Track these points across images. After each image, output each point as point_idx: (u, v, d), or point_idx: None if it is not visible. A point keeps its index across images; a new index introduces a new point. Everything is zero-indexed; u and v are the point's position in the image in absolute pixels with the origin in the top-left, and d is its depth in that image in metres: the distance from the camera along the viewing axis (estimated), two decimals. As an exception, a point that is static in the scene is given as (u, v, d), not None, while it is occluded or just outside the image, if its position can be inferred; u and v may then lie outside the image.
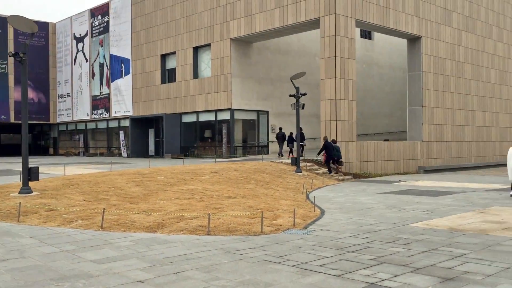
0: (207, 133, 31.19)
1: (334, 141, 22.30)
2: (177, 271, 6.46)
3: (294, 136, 24.98)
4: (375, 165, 25.10)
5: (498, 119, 34.55)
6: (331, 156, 21.83)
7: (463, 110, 31.13)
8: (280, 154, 25.63)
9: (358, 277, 6.11)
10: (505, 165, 33.38)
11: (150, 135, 35.47)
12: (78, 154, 43.15)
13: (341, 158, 22.38)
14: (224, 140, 28.87)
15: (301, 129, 24.98)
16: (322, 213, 11.63)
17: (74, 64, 42.93)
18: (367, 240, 8.36)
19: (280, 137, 26.43)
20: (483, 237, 8.49)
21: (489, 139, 33.70)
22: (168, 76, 33.70)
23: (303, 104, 21.26)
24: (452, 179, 21.97)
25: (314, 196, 14.54)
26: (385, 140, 29.38)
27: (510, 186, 15.13)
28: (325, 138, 22.22)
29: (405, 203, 13.32)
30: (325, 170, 22.48)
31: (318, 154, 22.69)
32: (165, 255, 7.36)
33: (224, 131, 28.78)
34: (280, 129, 26.93)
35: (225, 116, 29.13)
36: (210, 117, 30.37)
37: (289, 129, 28.57)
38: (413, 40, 28.13)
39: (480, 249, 7.57)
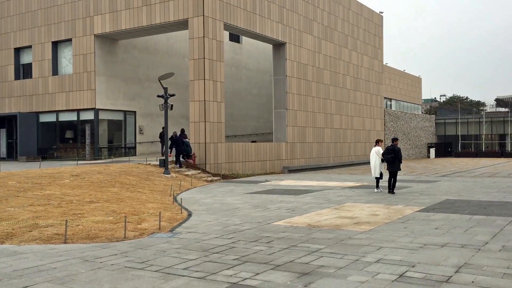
0: (69, 134, 29.22)
1: (184, 137, 22.89)
2: (27, 284, 5.90)
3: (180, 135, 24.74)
4: (243, 166, 25.77)
5: (352, 122, 37.74)
6: (180, 151, 22.29)
7: (323, 113, 33.41)
8: (162, 154, 25.40)
9: (221, 277, 6.15)
10: (359, 164, 36.75)
11: (1, 136, 32.17)
12: None
13: (191, 153, 22.98)
14: (88, 141, 27.31)
15: (183, 130, 24.72)
16: (189, 215, 11.57)
17: None
18: (232, 241, 8.49)
19: (163, 137, 25.97)
20: (337, 232, 9.14)
21: (345, 141, 36.66)
22: (23, 71, 30.92)
23: (172, 105, 21.00)
24: (312, 178, 23.44)
25: (181, 198, 14.41)
26: (252, 142, 30.33)
27: (376, 184, 16.61)
28: (174, 133, 22.89)
29: (270, 202, 13.84)
30: (194, 171, 22.48)
31: (170, 151, 22.72)
32: (13, 268, 6.68)
33: (88, 131, 27.22)
34: (163, 128, 26.27)
35: (89, 116, 27.59)
36: (72, 117, 28.53)
37: (160, 129, 28.16)
38: (278, 46, 29.47)
39: (334, 243, 8.13)
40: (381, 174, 16.35)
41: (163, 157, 21.73)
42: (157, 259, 7.17)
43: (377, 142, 16.80)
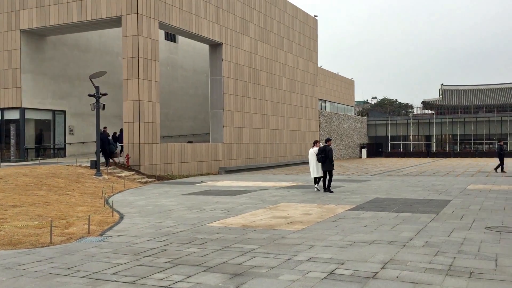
0: (-8, 134, 27.53)
1: (108, 134, 22.88)
2: None
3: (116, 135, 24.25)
4: (179, 167, 25.44)
5: (288, 123, 38.35)
6: (105, 149, 22.05)
7: (259, 114, 33.69)
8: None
9: (152, 281, 6.02)
10: (295, 164, 37.39)
11: None
12: None
13: (113, 151, 22.85)
14: (13, 142, 25.88)
15: (122, 130, 24.00)
16: (121, 218, 11.25)
17: None
18: (164, 243, 8.33)
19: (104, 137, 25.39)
20: (271, 232, 9.22)
21: (281, 141, 37.18)
22: None
23: (104, 105, 20.33)
24: (249, 179, 23.56)
25: (113, 201, 13.99)
26: (188, 142, 30.01)
27: (314, 183, 17.04)
28: (103, 131, 22.36)
29: (205, 204, 13.74)
30: (127, 173, 21.92)
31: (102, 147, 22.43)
32: None
33: (13, 132, 25.78)
34: (105, 128, 25.45)
35: (14, 115, 26.13)
36: (-4, 116, 26.91)
37: (91, 130, 27.24)
38: (215, 46, 29.37)
39: (267, 243, 8.20)
40: (324, 173, 16.82)
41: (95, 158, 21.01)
42: (84, 265, 6.89)
43: (315, 143, 17.41)
